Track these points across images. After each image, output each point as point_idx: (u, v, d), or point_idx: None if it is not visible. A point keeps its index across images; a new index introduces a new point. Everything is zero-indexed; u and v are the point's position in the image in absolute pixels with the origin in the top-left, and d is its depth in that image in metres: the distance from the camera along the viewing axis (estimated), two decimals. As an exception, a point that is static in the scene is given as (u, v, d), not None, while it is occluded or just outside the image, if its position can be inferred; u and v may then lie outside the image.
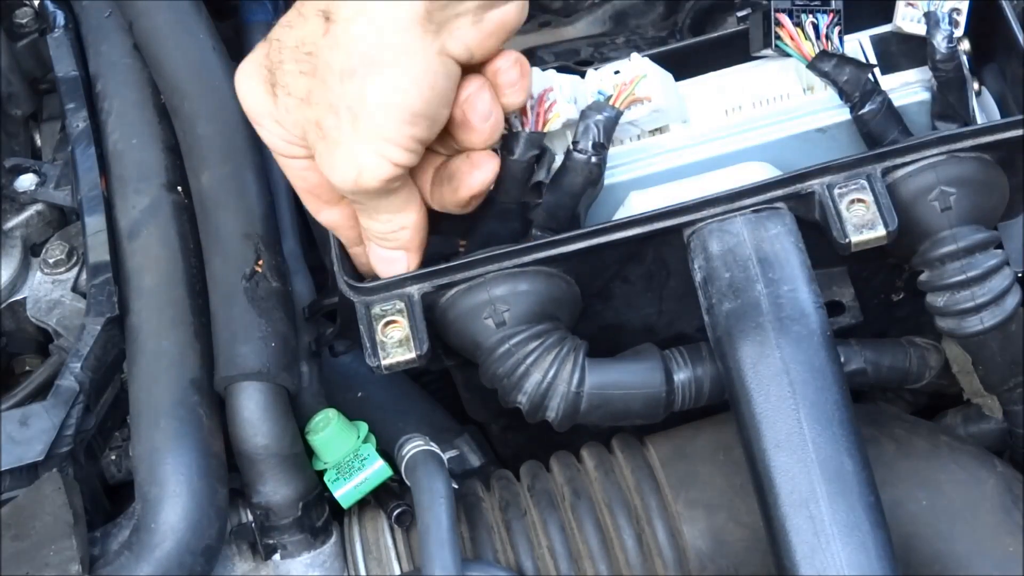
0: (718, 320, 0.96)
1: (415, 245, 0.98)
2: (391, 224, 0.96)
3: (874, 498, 0.90)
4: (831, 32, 1.01)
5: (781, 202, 0.98)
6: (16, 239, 1.14)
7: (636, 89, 1.00)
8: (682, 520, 1.02)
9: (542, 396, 0.98)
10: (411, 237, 0.97)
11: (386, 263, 0.99)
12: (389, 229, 0.97)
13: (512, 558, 1.03)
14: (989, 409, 1.09)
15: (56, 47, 1.18)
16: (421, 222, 0.97)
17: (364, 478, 1.01)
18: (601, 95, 1.00)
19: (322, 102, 0.90)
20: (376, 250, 0.99)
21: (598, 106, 0.98)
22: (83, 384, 1.00)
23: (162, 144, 1.10)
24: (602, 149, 0.98)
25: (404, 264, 0.98)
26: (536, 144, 0.97)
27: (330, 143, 0.91)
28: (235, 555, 1.02)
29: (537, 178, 0.98)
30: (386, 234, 0.97)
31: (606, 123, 0.98)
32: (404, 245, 0.98)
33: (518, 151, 0.97)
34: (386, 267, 0.99)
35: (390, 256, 0.99)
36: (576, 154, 0.98)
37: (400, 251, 0.98)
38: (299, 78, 0.91)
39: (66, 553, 0.91)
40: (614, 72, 1.02)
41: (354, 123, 0.89)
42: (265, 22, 1.32)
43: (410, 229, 0.97)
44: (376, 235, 0.98)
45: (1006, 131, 0.98)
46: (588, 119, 0.98)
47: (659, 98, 1.01)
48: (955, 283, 0.98)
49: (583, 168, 0.98)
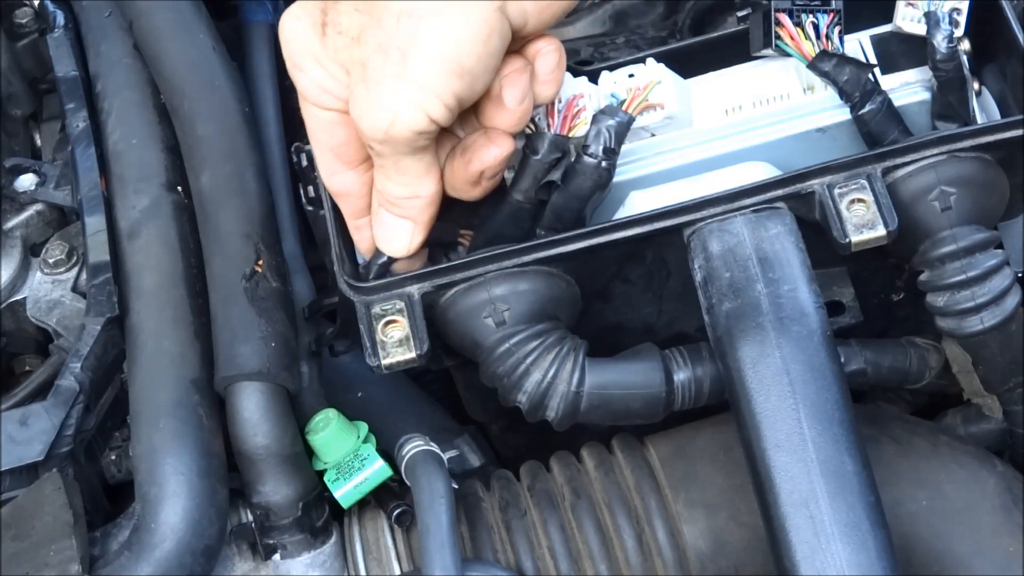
0: (718, 320, 0.96)
1: (423, 219, 0.97)
2: (407, 189, 0.95)
3: (874, 498, 0.90)
4: (831, 32, 1.01)
5: (781, 202, 0.99)
6: (16, 239, 1.14)
7: (650, 95, 1.00)
8: (682, 520, 1.02)
9: (542, 395, 0.98)
10: (421, 209, 0.96)
11: (390, 232, 0.98)
12: (404, 194, 0.95)
13: (512, 558, 1.03)
14: (989, 409, 1.09)
15: (56, 47, 1.18)
16: (435, 197, 0.97)
17: (364, 478, 1.01)
18: (614, 98, 1.00)
19: (373, 41, 0.89)
20: (383, 216, 0.98)
21: (611, 110, 0.98)
22: (83, 384, 1.00)
23: (162, 144, 1.10)
24: (612, 154, 0.97)
25: (407, 237, 0.97)
26: (560, 147, 0.97)
27: (371, 85, 0.89)
28: (235, 555, 1.02)
29: (551, 178, 0.98)
30: (399, 199, 0.96)
31: (618, 128, 0.98)
32: (413, 215, 0.97)
33: (542, 151, 0.97)
34: (389, 236, 0.98)
35: (396, 224, 0.97)
36: (586, 158, 0.97)
37: (407, 221, 0.97)
38: (353, 15, 0.90)
39: (66, 553, 0.91)
40: (628, 75, 1.01)
41: (401, 65, 0.88)
42: (265, 22, 1.33)
43: (423, 200, 0.96)
44: (389, 198, 0.96)
45: (1006, 131, 0.98)
46: (600, 123, 0.98)
47: (672, 105, 1.01)
48: (955, 283, 0.98)
49: (592, 172, 0.97)
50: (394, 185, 0.96)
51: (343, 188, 1.00)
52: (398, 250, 0.99)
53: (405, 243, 0.98)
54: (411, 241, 0.98)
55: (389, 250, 0.99)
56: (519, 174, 0.98)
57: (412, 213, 0.97)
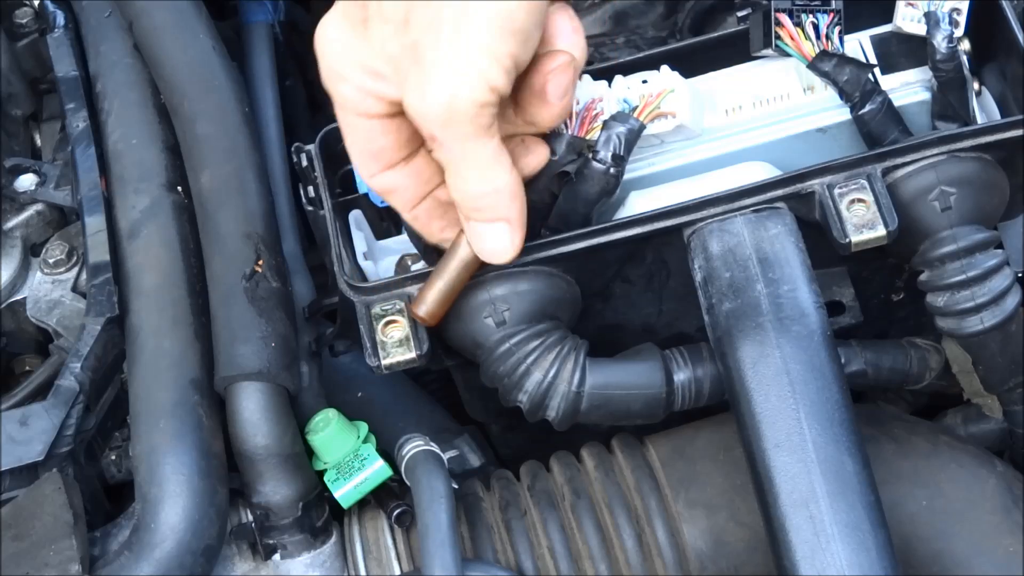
0: (718, 320, 0.96)
1: (515, 214, 0.93)
2: (484, 184, 0.91)
3: (874, 498, 0.90)
4: (831, 32, 1.01)
5: (781, 202, 0.99)
6: (16, 239, 1.14)
7: (662, 103, 1.00)
8: (682, 520, 1.02)
9: (543, 395, 0.98)
10: (509, 203, 0.92)
11: (488, 240, 0.94)
12: (483, 190, 0.92)
13: (512, 558, 1.03)
14: (989, 409, 1.09)
15: (56, 47, 1.18)
16: (516, 188, 0.92)
17: (364, 478, 1.01)
18: (626, 104, 1.00)
19: (422, 20, 0.87)
20: (474, 227, 0.94)
21: (622, 117, 0.98)
22: (83, 384, 1.00)
23: (162, 144, 1.10)
24: (621, 161, 0.97)
25: (508, 239, 0.93)
26: (578, 149, 0.97)
27: (426, 65, 0.87)
28: (235, 555, 1.02)
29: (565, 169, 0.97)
30: (481, 198, 0.92)
31: (628, 135, 0.97)
32: (503, 214, 0.93)
33: (560, 152, 0.97)
34: (490, 244, 0.94)
35: (491, 230, 0.93)
36: (595, 163, 0.97)
37: (500, 223, 0.93)
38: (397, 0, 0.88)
39: (66, 553, 0.91)
40: (642, 81, 1.01)
41: (455, 34, 0.86)
42: (265, 22, 1.33)
43: (506, 193, 0.92)
44: (471, 200, 0.92)
45: (1006, 131, 0.98)
46: (610, 130, 0.97)
47: (684, 114, 1.00)
48: (955, 283, 0.98)
49: (600, 178, 0.97)
50: (468, 182, 0.92)
51: (389, 185, 0.96)
52: (504, 255, 0.94)
53: (507, 246, 0.94)
54: (512, 242, 0.94)
55: (496, 259, 0.95)
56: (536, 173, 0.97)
57: (501, 212, 0.93)
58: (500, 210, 0.93)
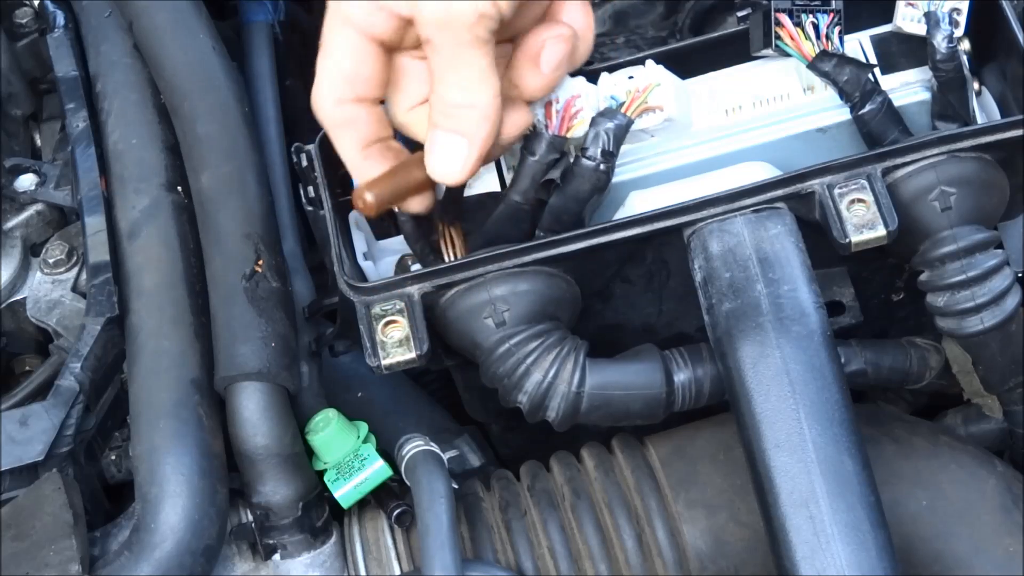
0: (718, 320, 0.96)
1: (479, 136, 0.92)
2: (463, 94, 0.90)
3: (874, 498, 0.90)
4: (831, 32, 1.01)
5: (781, 202, 0.99)
6: (16, 239, 1.14)
7: (649, 98, 1.00)
8: (682, 520, 1.02)
9: (543, 396, 0.98)
10: (478, 123, 0.91)
11: (443, 151, 0.92)
12: (460, 100, 0.91)
13: (512, 558, 1.03)
14: (989, 409, 1.09)
15: (56, 47, 1.18)
16: (492, 113, 0.91)
17: (364, 478, 1.01)
18: (613, 100, 1.00)
19: None
20: (437, 136, 0.93)
21: (609, 113, 0.98)
22: (83, 384, 1.00)
23: (162, 144, 1.10)
24: (611, 157, 0.97)
25: (462, 157, 0.92)
26: (557, 148, 0.97)
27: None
28: (235, 555, 1.02)
29: (550, 176, 0.98)
30: (455, 108, 0.91)
31: (616, 131, 0.97)
32: (468, 130, 0.92)
33: (539, 152, 0.97)
34: (442, 156, 0.93)
35: (450, 142, 0.92)
36: (584, 160, 0.97)
37: (462, 138, 0.92)
38: None
39: (66, 553, 0.91)
40: (628, 77, 1.01)
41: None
42: (265, 22, 1.33)
43: (480, 111, 0.91)
44: (444, 105, 0.91)
45: (1006, 131, 0.98)
46: (598, 126, 0.97)
47: (671, 108, 1.00)
48: (955, 283, 0.98)
49: (591, 175, 0.97)
50: (449, 90, 0.91)
51: (352, 116, 0.95)
52: (452, 172, 0.93)
53: (459, 163, 0.93)
54: (466, 162, 0.92)
55: (442, 173, 0.93)
56: (517, 175, 0.98)
57: (468, 127, 0.91)
58: (466, 125, 0.92)
